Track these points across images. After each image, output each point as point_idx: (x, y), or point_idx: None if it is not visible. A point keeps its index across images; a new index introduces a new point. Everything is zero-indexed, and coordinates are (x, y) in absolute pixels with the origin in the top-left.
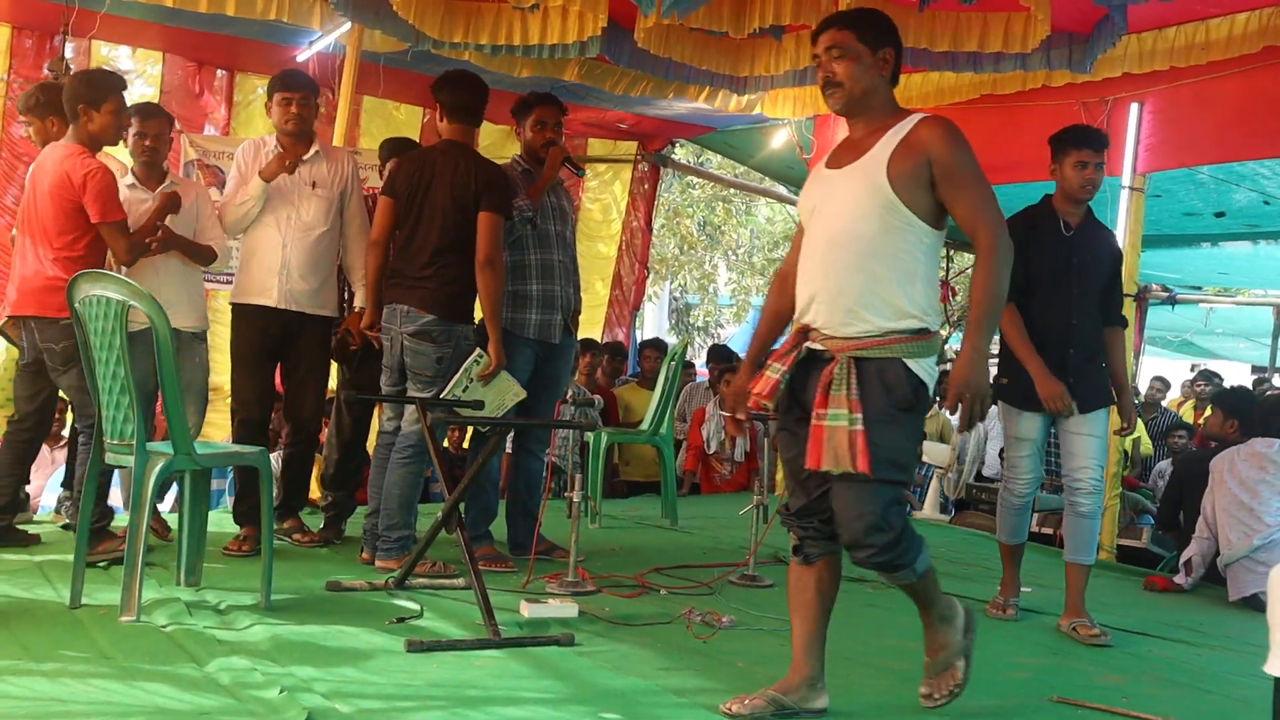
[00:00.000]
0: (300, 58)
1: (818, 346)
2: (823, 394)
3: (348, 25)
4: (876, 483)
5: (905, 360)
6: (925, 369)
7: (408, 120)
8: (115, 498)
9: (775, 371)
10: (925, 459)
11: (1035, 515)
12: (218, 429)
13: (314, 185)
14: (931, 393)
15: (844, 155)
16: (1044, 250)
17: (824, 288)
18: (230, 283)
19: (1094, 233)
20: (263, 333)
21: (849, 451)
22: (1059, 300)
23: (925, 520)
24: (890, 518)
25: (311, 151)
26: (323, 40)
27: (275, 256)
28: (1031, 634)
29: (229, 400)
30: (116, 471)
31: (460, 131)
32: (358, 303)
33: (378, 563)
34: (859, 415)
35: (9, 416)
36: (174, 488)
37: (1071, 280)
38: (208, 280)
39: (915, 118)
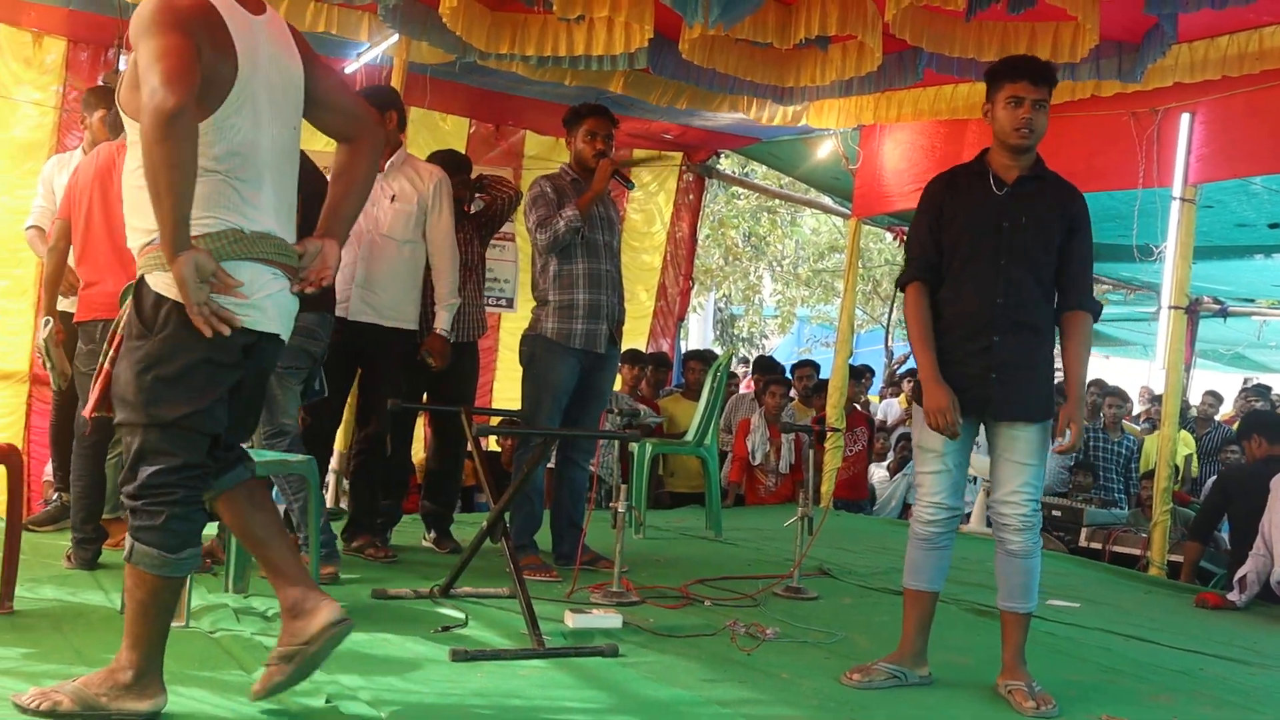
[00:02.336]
0: (348, 69)
1: None
2: None
3: (395, 37)
4: (119, 427)
5: (147, 277)
6: (171, 283)
7: (454, 131)
8: None
9: None
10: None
11: (1084, 530)
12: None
13: (393, 199)
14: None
15: None
16: (965, 214)
17: None
18: None
19: (1038, 188)
20: (337, 345)
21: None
22: (981, 275)
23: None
24: (136, 469)
25: (387, 164)
26: (370, 52)
27: (351, 268)
28: (1080, 650)
29: None
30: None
31: None
32: (438, 325)
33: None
34: (110, 352)
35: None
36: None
37: (999, 250)
38: None
39: None
